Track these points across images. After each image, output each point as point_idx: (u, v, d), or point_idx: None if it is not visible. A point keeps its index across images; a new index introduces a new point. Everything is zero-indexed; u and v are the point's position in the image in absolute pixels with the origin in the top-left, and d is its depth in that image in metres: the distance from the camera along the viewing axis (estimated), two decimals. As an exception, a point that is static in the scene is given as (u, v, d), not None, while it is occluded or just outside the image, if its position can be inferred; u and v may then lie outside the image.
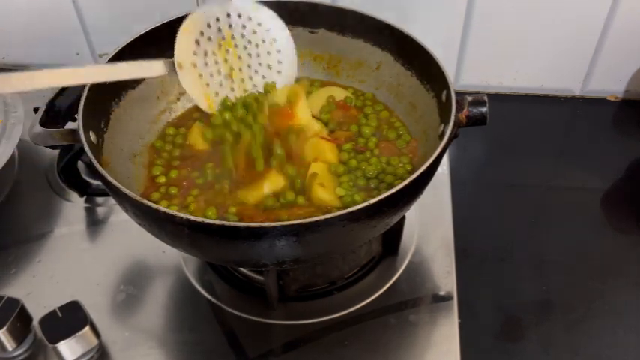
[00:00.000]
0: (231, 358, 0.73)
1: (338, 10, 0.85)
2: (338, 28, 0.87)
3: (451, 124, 0.68)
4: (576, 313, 0.79)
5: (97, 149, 0.72)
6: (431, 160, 0.63)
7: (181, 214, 0.58)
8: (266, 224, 0.58)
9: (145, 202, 0.59)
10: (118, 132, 0.78)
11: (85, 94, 0.71)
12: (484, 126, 0.71)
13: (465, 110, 0.70)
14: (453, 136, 0.69)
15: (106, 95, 0.77)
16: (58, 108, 0.78)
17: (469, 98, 0.70)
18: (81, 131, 0.67)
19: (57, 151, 0.86)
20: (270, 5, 0.87)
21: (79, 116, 0.69)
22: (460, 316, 0.77)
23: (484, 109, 0.70)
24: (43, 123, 0.72)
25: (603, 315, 0.79)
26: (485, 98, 0.70)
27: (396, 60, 0.85)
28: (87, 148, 0.66)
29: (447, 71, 0.73)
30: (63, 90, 0.78)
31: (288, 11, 0.88)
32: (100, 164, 0.65)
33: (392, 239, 0.83)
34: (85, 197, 0.93)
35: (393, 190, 0.60)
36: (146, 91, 0.84)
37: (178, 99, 0.88)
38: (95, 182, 0.92)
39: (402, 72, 0.84)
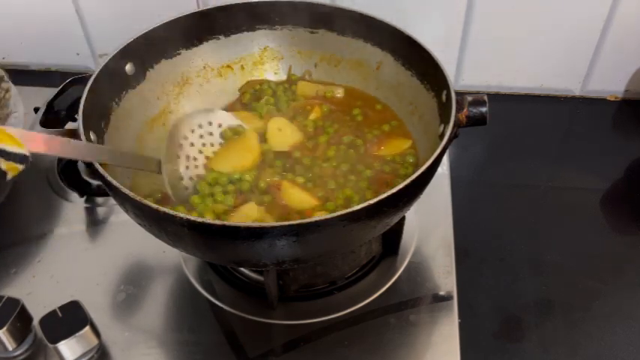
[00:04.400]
0: (231, 358, 0.73)
1: (338, 10, 0.85)
2: (338, 28, 0.88)
3: (451, 124, 0.68)
4: (576, 313, 0.79)
5: (96, 149, 0.72)
6: (431, 160, 0.63)
7: (181, 214, 0.58)
8: (266, 224, 0.58)
9: (145, 202, 0.59)
10: (118, 132, 0.78)
11: (85, 94, 0.71)
12: (484, 126, 0.71)
13: (464, 110, 0.70)
14: (453, 136, 0.68)
15: (106, 95, 0.77)
16: (58, 108, 0.78)
17: (469, 98, 0.70)
18: (81, 131, 0.67)
19: (57, 152, 0.86)
20: (269, 5, 0.88)
21: (79, 116, 0.69)
22: (460, 316, 0.77)
23: (484, 109, 0.70)
24: (43, 123, 0.72)
25: (603, 315, 0.79)
26: (485, 98, 0.70)
27: (396, 60, 0.85)
28: (87, 148, 0.66)
29: (447, 71, 0.73)
30: (63, 90, 0.78)
31: (288, 11, 0.88)
32: (100, 164, 0.65)
33: (392, 239, 0.83)
34: (85, 197, 0.93)
35: (393, 190, 0.60)
36: (146, 91, 0.84)
37: (178, 99, 0.89)
38: (95, 182, 0.92)
39: (402, 72, 0.84)
